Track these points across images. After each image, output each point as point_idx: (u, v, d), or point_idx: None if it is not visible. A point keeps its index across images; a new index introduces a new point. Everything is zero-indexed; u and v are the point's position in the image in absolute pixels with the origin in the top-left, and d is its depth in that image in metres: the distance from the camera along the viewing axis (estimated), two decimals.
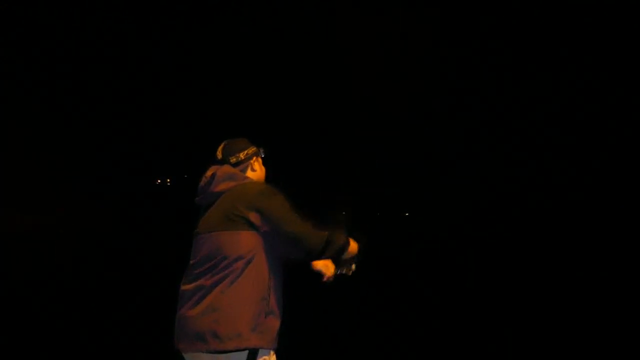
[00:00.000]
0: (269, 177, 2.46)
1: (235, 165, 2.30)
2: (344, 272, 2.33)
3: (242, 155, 2.33)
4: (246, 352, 2.00)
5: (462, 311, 6.17)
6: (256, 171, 2.37)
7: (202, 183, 2.28)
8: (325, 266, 2.34)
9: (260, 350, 2.03)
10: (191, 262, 2.19)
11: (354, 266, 2.34)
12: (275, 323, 2.10)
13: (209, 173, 2.28)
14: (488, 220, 15.75)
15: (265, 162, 2.45)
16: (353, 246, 2.28)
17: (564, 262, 10.22)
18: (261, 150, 2.42)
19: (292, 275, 2.29)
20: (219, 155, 2.36)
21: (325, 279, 2.33)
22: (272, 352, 2.09)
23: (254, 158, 2.37)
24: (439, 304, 6.56)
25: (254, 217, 2.07)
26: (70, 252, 11.47)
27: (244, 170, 2.32)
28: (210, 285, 2.05)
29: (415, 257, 10.92)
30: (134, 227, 16.26)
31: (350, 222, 2.40)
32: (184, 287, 2.17)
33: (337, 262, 2.30)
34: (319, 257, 2.15)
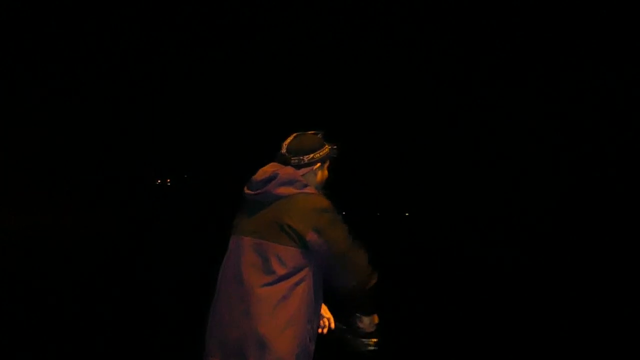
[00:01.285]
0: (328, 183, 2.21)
1: (296, 167, 2.05)
2: (364, 346, 2.18)
3: (306, 159, 2.06)
4: None
5: (462, 311, 6.16)
6: (317, 177, 2.12)
7: (258, 176, 2.04)
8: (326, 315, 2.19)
9: None
10: (230, 266, 2.03)
11: (372, 341, 2.19)
12: (312, 349, 1.99)
13: (269, 169, 2.04)
14: (488, 221, 15.74)
15: (330, 165, 2.19)
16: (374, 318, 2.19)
17: (565, 262, 10.22)
18: (334, 150, 2.14)
19: None
20: (284, 148, 2.08)
21: (324, 330, 2.17)
22: None
23: (318, 164, 2.10)
24: (439, 304, 6.56)
25: (310, 236, 1.90)
26: (70, 252, 11.46)
27: (306, 176, 2.07)
28: (256, 300, 1.91)
29: (415, 257, 10.91)
30: (133, 227, 16.24)
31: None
32: (222, 293, 2.02)
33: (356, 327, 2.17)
34: (363, 289, 2.01)
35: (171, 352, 4.39)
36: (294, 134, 2.12)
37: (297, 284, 1.92)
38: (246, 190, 2.07)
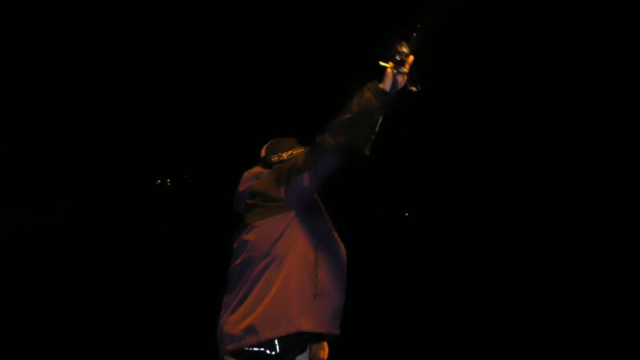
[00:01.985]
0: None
1: (275, 164, 2.14)
2: (412, 87, 1.95)
3: (284, 155, 2.15)
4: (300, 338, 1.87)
5: (462, 311, 6.16)
6: None
7: (240, 186, 2.17)
8: (389, 76, 1.95)
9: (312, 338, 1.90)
10: (232, 265, 2.08)
11: (416, 77, 1.95)
12: (326, 305, 1.94)
13: (247, 174, 2.17)
14: (488, 220, 15.74)
15: None
16: (406, 52, 1.92)
17: (565, 262, 10.21)
18: None
19: None
20: (263, 152, 2.20)
21: (403, 85, 1.91)
22: (325, 344, 1.99)
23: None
24: (439, 304, 6.55)
25: (280, 191, 1.95)
26: (70, 252, 11.46)
27: None
28: (254, 278, 1.94)
29: (415, 258, 10.91)
30: (133, 227, 16.25)
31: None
32: (228, 292, 2.07)
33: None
34: (371, 118, 1.82)
35: (171, 352, 4.38)
36: (272, 140, 2.25)
37: (288, 245, 1.96)
38: (233, 206, 2.18)
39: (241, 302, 1.95)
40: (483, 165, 15.82)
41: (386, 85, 1.94)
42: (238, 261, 2.04)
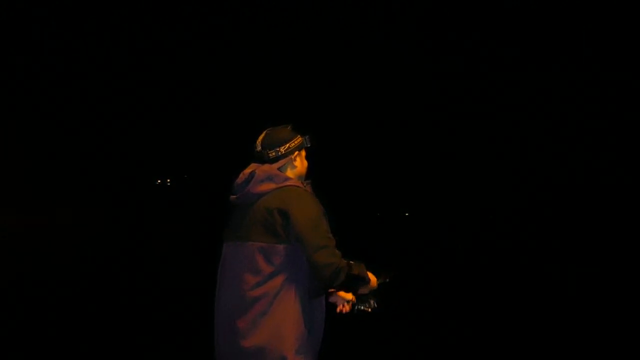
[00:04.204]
0: (310, 172, 2.20)
1: (274, 160, 2.08)
2: (362, 308, 2.13)
3: (282, 150, 2.08)
4: None
5: (462, 311, 6.16)
6: (296, 167, 2.13)
7: (239, 180, 2.07)
8: (342, 297, 2.11)
9: None
10: (224, 273, 2.05)
11: (373, 302, 2.14)
12: (314, 343, 1.99)
13: (247, 170, 2.07)
14: (488, 220, 15.75)
15: (308, 154, 2.19)
16: (372, 280, 2.12)
17: (566, 262, 10.22)
18: (307, 140, 2.16)
19: None
20: (258, 146, 2.10)
21: (338, 309, 2.10)
22: None
23: (296, 153, 2.11)
24: (439, 304, 6.56)
25: (290, 230, 1.92)
26: (70, 252, 11.46)
27: (283, 168, 2.09)
28: (251, 303, 1.92)
29: (415, 257, 10.91)
30: (133, 227, 16.24)
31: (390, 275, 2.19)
32: (221, 302, 2.03)
33: (354, 295, 2.11)
34: (329, 284, 1.93)
35: (171, 351, 4.39)
36: (265, 131, 2.14)
37: (287, 279, 1.92)
38: (231, 198, 2.10)
39: (241, 318, 1.93)
40: (483, 166, 15.83)
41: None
42: (232, 271, 1.99)
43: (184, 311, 5.64)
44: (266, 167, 2.04)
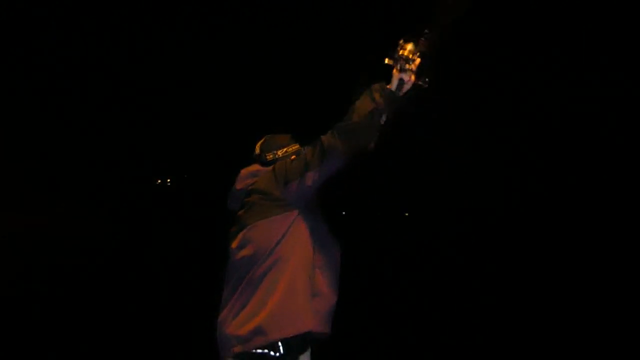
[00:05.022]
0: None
1: (270, 162, 2.12)
2: (420, 83, 1.95)
3: (279, 153, 2.14)
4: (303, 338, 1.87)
5: (462, 311, 6.17)
6: None
7: (237, 184, 2.14)
8: (397, 76, 1.94)
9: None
10: (230, 264, 2.06)
11: (424, 78, 1.96)
12: (323, 305, 1.94)
13: (245, 171, 2.14)
14: (488, 220, 15.74)
15: None
16: (410, 49, 1.93)
17: (565, 262, 10.22)
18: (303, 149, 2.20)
19: None
20: (257, 150, 2.18)
21: (410, 84, 1.92)
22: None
23: (294, 157, 2.13)
24: (439, 304, 6.56)
25: (280, 190, 1.94)
26: (69, 252, 11.46)
27: None
28: (258, 278, 1.92)
29: (415, 257, 10.91)
30: (133, 227, 16.23)
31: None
32: (227, 292, 2.03)
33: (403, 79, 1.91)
34: (374, 122, 1.83)
35: (171, 351, 4.39)
36: (265, 136, 2.21)
37: (289, 246, 1.93)
38: (227, 205, 2.14)
39: (246, 303, 1.93)
40: (483, 166, 15.83)
41: (393, 85, 1.95)
42: (237, 260, 2.01)
43: (183, 310, 5.65)
44: (253, 166, 2.11)
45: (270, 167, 2.05)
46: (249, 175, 2.10)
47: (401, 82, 1.93)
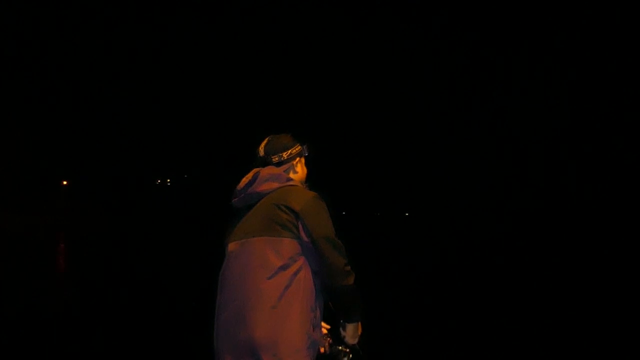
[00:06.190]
0: (310, 178, 2.27)
1: (277, 165, 2.12)
2: (340, 348, 2.05)
3: (285, 155, 2.14)
4: None
5: (462, 310, 6.17)
6: (298, 173, 2.18)
7: (241, 184, 2.09)
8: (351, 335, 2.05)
9: None
10: (229, 270, 2.02)
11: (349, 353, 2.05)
12: (318, 336, 1.97)
13: (251, 174, 2.09)
14: (488, 220, 15.76)
15: (307, 162, 2.25)
16: (359, 326, 2.06)
17: (565, 262, 10.22)
18: (305, 149, 2.23)
19: None
20: (261, 152, 2.16)
21: (322, 350, 2.03)
22: None
23: (297, 159, 2.17)
24: (439, 304, 6.56)
25: (297, 223, 1.93)
26: (69, 252, 11.47)
27: (287, 172, 2.13)
28: (260, 295, 1.91)
29: (415, 257, 10.91)
30: (133, 227, 16.25)
31: None
32: (225, 297, 2.01)
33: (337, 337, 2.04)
34: (338, 281, 1.93)
35: (172, 351, 4.39)
36: (267, 137, 2.18)
37: (296, 273, 1.91)
38: (233, 201, 2.12)
39: (245, 317, 1.93)
40: (483, 166, 15.83)
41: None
42: (238, 264, 1.99)
43: (183, 311, 5.65)
44: (270, 168, 2.08)
45: (293, 187, 2.04)
46: (269, 178, 2.06)
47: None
